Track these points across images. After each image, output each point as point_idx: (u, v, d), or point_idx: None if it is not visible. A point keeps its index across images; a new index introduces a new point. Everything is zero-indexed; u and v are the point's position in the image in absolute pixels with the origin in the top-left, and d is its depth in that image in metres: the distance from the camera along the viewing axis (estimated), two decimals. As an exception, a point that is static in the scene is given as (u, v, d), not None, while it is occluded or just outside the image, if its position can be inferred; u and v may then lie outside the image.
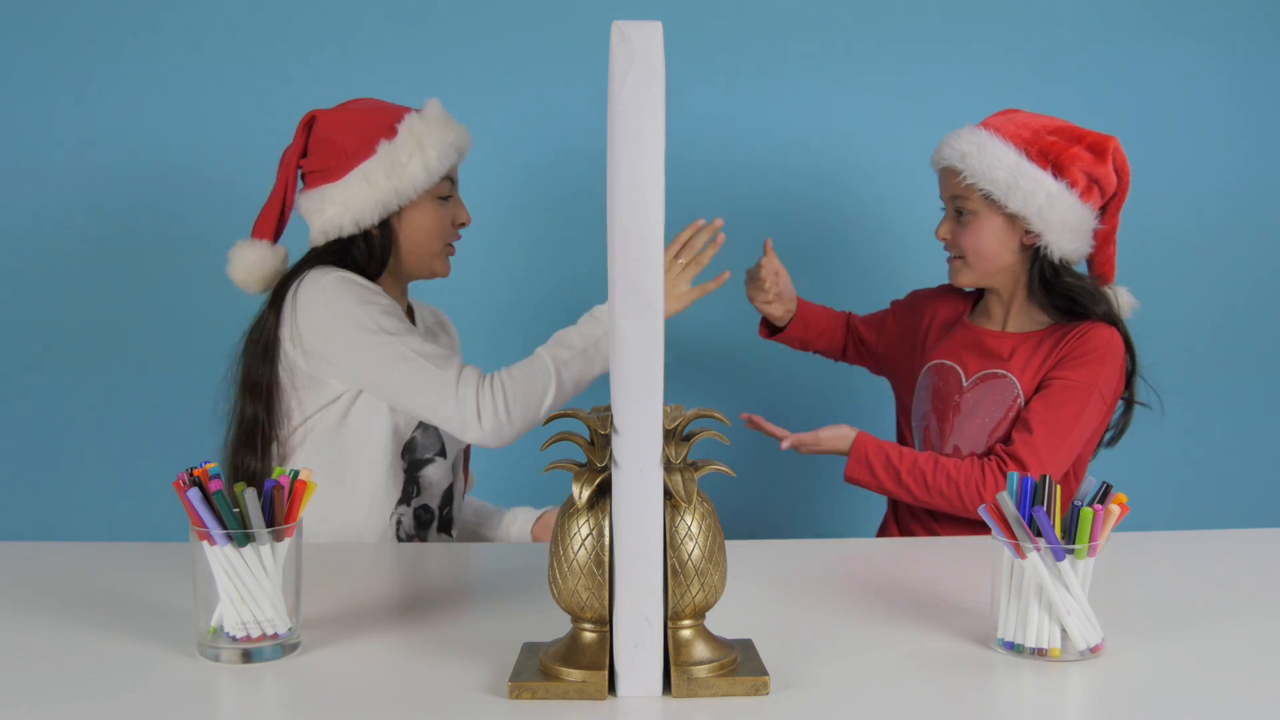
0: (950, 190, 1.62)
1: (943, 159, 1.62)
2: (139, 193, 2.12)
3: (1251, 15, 2.20)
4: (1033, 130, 1.58)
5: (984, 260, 1.63)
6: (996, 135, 1.57)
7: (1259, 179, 2.25)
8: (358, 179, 1.50)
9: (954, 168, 1.59)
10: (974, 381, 1.63)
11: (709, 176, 2.17)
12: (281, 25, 2.11)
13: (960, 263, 1.65)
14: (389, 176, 1.50)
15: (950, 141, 1.60)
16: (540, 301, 2.18)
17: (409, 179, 1.51)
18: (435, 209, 1.57)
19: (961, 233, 1.63)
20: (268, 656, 1.01)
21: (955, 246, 1.65)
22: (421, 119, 1.53)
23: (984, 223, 1.61)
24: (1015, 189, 1.55)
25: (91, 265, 2.14)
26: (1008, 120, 1.60)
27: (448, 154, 1.53)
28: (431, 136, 1.52)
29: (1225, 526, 1.55)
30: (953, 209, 1.63)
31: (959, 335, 1.71)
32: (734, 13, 2.15)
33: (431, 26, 2.13)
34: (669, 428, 0.93)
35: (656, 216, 0.85)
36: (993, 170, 1.56)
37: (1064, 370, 1.56)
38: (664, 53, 0.84)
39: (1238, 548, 1.43)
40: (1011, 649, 1.03)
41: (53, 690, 0.96)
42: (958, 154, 1.58)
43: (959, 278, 1.67)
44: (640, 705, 0.91)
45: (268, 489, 1.02)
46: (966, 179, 1.58)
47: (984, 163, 1.56)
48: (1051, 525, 1.01)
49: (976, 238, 1.62)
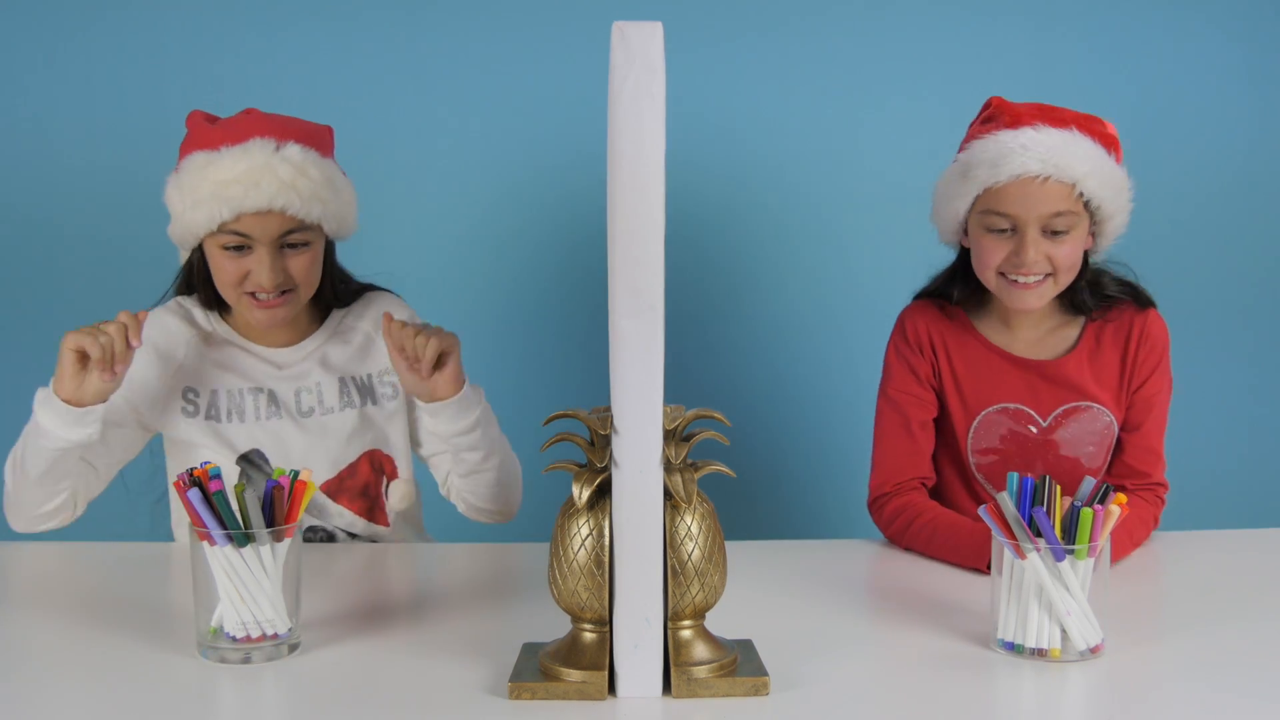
0: (1050, 206, 1.36)
1: (1046, 169, 1.35)
2: (140, 192, 2.12)
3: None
4: (1070, 116, 1.40)
5: (1071, 274, 1.42)
6: (1065, 131, 1.38)
7: (1267, 169, 2.24)
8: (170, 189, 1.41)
9: (1062, 179, 1.36)
10: (1054, 419, 1.47)
11: (709, 176, 2.16)
12: (282, 25, 2.11)
13: (1049, 282, 1.40)
14: (172, 201, 1.41)
15: (1035, 149, 1.36)
16: (540, 302, 2.18)
17: (177, 218, 1.40)
18: (220, 256, 1.38)
19: (1058, 250, 1.38)
20: (268, 657, 1.02)
21: (1045, 265, 1.39)
22: (189, 169, 1.37)
23: (1079, 233, 1.40)
24: (1108, 185, 1.39)
25: (92, 265, 2.14)
26: (1038, 113, 1.40)
27: (209, 218, 1.35)
28: (192, 191, 1.36)
29: (1225, 527, 1.55)
30: (1043, 226, 1.37)
31: (1007, 368, 1.48)
32: (735, 12, 2.15)
33: (431, 26, 2.13)
34: (669, 428, 0.93)
35: (657, 216, 0.85)
36: (1100, 173, 1.38)
37: (1157, 382, 1.47)
38: (664, 52, 0.84)
39: (1238, 548, 1.43)
40: (1011, 649, 1.03)
41: (53, 690, 0.96)
42: (1062, 163, 1.35)
43: (1037, 300, 1.42)
44: (640, 706, 0.91)
45: (268, 489, 1.02)
46: (1080, 189, 1.37)
47: (1089, 167, 1.37)
48: (1051, 525, 1.01)
49: (1074, 252, 1.40)
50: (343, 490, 1.48)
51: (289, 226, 1.37)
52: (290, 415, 1.45)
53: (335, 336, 1.51)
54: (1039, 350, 1.49)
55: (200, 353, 1.45)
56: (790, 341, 2.21)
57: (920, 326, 1.52)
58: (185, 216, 1.37)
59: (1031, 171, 1.36)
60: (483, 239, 2.15)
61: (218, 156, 1.35)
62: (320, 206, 1.38)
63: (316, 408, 1.46)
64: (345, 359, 1.50)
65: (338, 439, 1.47)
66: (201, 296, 1.47)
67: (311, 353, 1.49)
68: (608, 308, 0.88)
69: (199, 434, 1.43)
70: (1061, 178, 1.36)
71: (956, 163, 1.45)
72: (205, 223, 1.35)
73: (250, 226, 1.36)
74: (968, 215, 1.44)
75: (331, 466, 1.47)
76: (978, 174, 1.39)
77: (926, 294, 1.56)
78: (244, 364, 1.46)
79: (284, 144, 1.37)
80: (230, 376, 1.45)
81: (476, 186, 2.14)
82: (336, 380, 1.48)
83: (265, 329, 1.45)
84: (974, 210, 1.43)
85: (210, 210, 1.34)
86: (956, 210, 1.44)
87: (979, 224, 1.42)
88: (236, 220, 1.35)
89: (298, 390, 1.46)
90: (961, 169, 1.43)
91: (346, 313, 1.53)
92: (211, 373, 1.45)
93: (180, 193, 1.38)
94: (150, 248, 2.14)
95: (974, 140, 1.43)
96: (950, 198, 1.44)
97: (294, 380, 1.47)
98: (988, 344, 1.50)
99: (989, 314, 1.52)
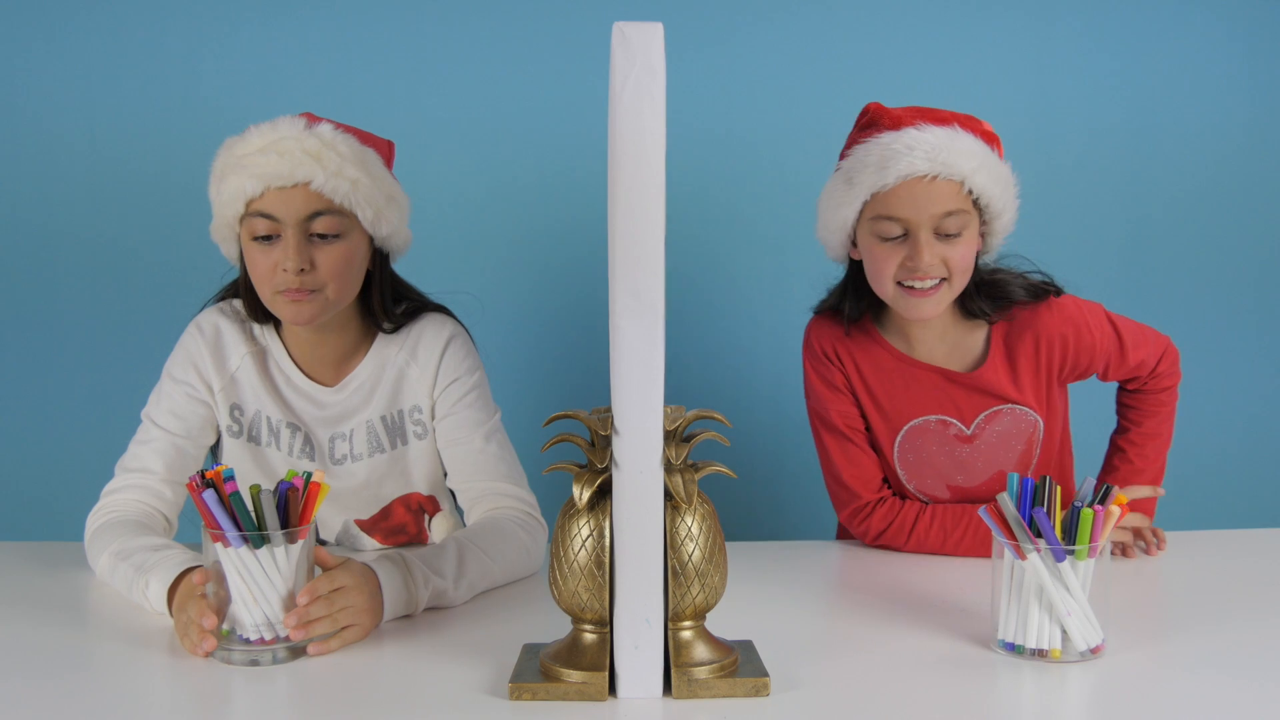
0: (941, 205, 1.33)
1: (934, 167, 1.32)
2: (140, 190, 2.12)
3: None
4: (949, 115, 1.37)
5: (965, 277, 1.38)
6: (948, 129, 1.34)
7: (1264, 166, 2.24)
8: (211, 194, 1.35)
9: (950, 177, 1.32)
10: (978, 425, 1.45)
11: (710, 176, 2.16)
12: (281, 25, 2.11)
13: (945, 287, 1.36)
14: (212, 204, 1.35)
15: (920, 148, 1.32)
16: (540, 302, 2.18)
17: (216, 211, 1.34)
18: (253, 250, 1.31)
19: (952, 252, 1.35)
20: (279, 659, 1.02)
21: (941, 269, 1.35)
22: (219, 153, 1.33)
23: (971, 233, 1.37)
24: (996, 181, 1.35)
25: (92, 264, 2.14)
26: (918, 114, 1.36)
27: (235, 193, 1.29)
28: (220, 173, 1.32)
29: (1225, 526, 1.55)
30: (935, 227, 1.34)
31: (922, 377, 1.46)
32: (736, 12, 2.15)
33: (431, 27, 2.13)
34: (669, 429, 0.93)
35: (657, 217, 0.85)
36: (987, 169, 1.34)
37: (1082, 355, 1.43)
38: (664, 53, 0.84)
39: (1238, 548, 1.43)
40: (1012, 650, 1.03)
41: (60, 691, 0.96)
42: (949, 160, 1.32)
43: (934, 308, 1.37)
44: (640, 706, 0.91)
45: (282, 490, 1.03)
46: (968, 186, 1.33)
47: (975, 163, 1.33)
48: (1051, 526, 1.01)
49: (968, 253, 1.37)
50: (376, 530, 1.47)
51: (316, 206, 1.28)
52: (323, 461, 1.42)
53: (377, 369, 1.42)
54: (950, 362, 1.46)
55: (250, 371, 1.40)
56: (790, 342, 2.19)
57: (826, 343, 1.49)
58: (217, 201, 1.31)
59: (919, 171, 1.32)
60: (483, 239, 2.15)
61: (245, 135, 1.31)
62: (349, 186, 1.29)
63: (348, 456, 1.43)
64: (384, 397, 1.43)
65: (370, 485, 1.44)
66: (246, 304, 1.40)
67: (354, 391, 1.42)
68: (608, 308, 0.88)
69: (239, 452, 1.41)
70: (949, 175, 1.32)
71: (840, 171, 1.40)
72: (231, 200, 1.28)
73: (275, 205, 1.27)
74: (855, 225, 1.40)
75: (364, 510, 1.46)
76: (863, 179, 1.35)
77: (822, 310, 1.52)
78: (288, 396, 1.41)
79: (316, 123, 1.31)
80: (273, 405, 1.41)
81: (476, 187, 2.14)
82: (369, 425, 1.43)
83: (297, 326, 1.35)
84: (863, 218, 1.38)
85: (236, 184, 1.28)
86: (844, 219, 1.39)
87: (869, 232, 1.38)
88: (262, 197, 1.27)
89: (333, 437, 1.42)
90: (845, 176, 1.38)
91: (390, 340, 1.43)
92: (258, 395, 1.41)
93: (212, 179, 1.33)
94: (150, 248, 2.15)
95: (855, 146, 1.38)
96: (836, 207, 1.39)
97: (332, 424, 1.42)
98: (898, 354, 1.47)
99: (888, 326, 1.48)
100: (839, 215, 1.39)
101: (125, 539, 1.24)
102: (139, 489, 1.35)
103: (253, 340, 1.41)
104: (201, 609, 1.03)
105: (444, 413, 1.42)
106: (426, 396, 1.42)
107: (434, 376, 1.42)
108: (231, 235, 1.33)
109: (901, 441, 1.48)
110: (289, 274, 1.28)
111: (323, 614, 1.04)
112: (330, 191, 1.28)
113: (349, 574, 1.09)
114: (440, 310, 1.48)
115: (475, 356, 1.45)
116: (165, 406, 1.38)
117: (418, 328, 1.44)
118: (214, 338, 1.40)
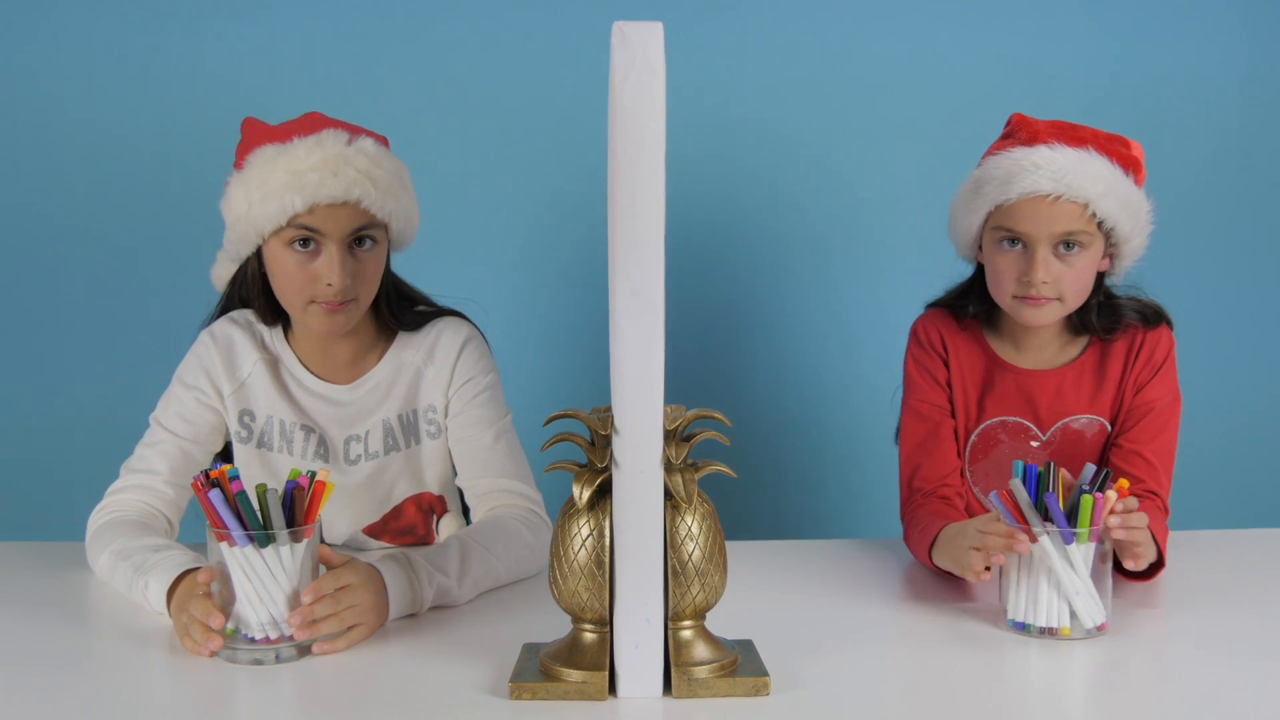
0: (1061, 225, 1.34)
1: (1058, 188, 1.33)
2: (141, 190, 2.12)
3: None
4: (1089, 135, 1.38)
5: (1081, 297, 1.40)
6: (1081, 150, 1.35)
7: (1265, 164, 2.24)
8: (232, 190, 1.34)
9: (1074, 199, 1.33)
10: (1053, 434, 1.47)
11: (710, 176, 2.16)
12: (280, 26, 2.11)
13: (1057, 304, 1.38)
14: (233, 202, 1.33)
15: (1048, 168, 1.33)
16: (540, 302, 2.18)
17: (244, 215, 1.31)
18: (286, 257, 1.30)
19: (1068, 272, 1.36)
20: (284, 658, 1.02)
21: (1054, 287, 1.36)
22: (256, 162, 1.30)
23: (1092, 255, 1.37)
24: (1124, 207, 1.36)
25: (92, 265, 2.14)
26: (1056, 130, 1.38)
27: (281, 207, 1.27)
28: (261, 184, 1.29)
29: (1225, 526, 1.55)
30: (1054, 245, 1.35)
31: (1008, 382, 1.48)
32: (736, 13, 2.15)
33: (431, 27, 2.13)
34: (669, 428, 0.93)
35: (657, 216, 0.85)
36: (1115, 194, 1.35)
37: (1151, 393, 1.45)
38: (664, 53, 0.84)
39: (1238, 548, 1.44)
40: (1022, 629, 1.08)
41: (63, 690, 0.96)
42: (1074, 183, 1.33)
43: (1044, 319, 1.40)
44: (640, 706, 0.91)
45: (288, 489, 1.03)
46: (1093, 210, 1.34)
47: (1103, 188, 1.34)
48: (1060, 510, 1.07)
49: (1086, 274, 1.38)
50: (386, 531, 1.47)
51: (361, 222, 1.29)
52: (336, 463, 1.42)
53: (394, 370, 1.43)
54: (1042, 365, 1.48)
55: (263, 376, 1.40)
56: (790, 341, 2.21)
57: (933, 332, 1.52)
58: (252, 212, 1.28)
59: (1042, 190, 1.33)
60: (482, 239, 2.15)
61: (290, 147, 1.28)
62: (394, 202, 1.32)
63: (363, 456, 1.43)
64: (400, 396, 1.43)
65: (382, 485, 1.44)
66: (259, 309, 1.39)
67: (371, 390, 1.42)
68: (608, 308, 0.88)
69: (247, 458, 1.41)
70: (1073, 197, 1.33)
71: (971, 179, 1.43)
72: (276, 215, 1.27)
73: (323, 220, 1.27)
74: (981, 231, 1.44)
75: (375, 511, 1.46)
76: (989, 190, 1.38)
77: (939, 304, 1.55)
78: (301, 399, 1.41)
79: (357, 137, 1.32)
80: (286, 409, 1.41)
81: (476, 187, 2.14)
82: (385, 424, 1.43)
83: (327, 337, 1.37)
84: (986, 226, 1.42)
85: (282, 201, 1.26)
86: (970, 226, 1.43)
87: (991, 240, 1.41)
88: (310, 213, 1.27)
89: (348, 439, 1.42)
90: (975, 185, 1.42)
91: (407, 342, 1.44)
92: (271, 400, 1.41)
93: (247, 188, 1.29)
94: (150, 248, 2.15)
95: (990, 155, 1.42)
96: (964, 213, 1.44)
97: (347, 425, 1.42)
98: (994, 356, 1.49)
99: (999, 331, 1.51)
100: (966, 221, 1.44)
101: (126, 539, 1.24)
102: (142, 489, 1.35)
103: (264, 348, 1.42)
104: (208, 608, 1.03)
105: (456, 410, 1.43)
106: (441, 395, 1.43)
107: (450, 376, 1.43)
108: (256, 239, 1.32)
109: (975, 440, 1.50)
110: (333, 288, 1.29)
111: (328, 613, 1.05)
112: (378, 209, 1.30)
113: (354, 573, 1.10)
114: (457, 315, 1.50)
115: (490, 359, 1.47)
116: (174, 411, 1.39)
117: (435, 330, 1.45)
118: (226, 345, 1.41)
